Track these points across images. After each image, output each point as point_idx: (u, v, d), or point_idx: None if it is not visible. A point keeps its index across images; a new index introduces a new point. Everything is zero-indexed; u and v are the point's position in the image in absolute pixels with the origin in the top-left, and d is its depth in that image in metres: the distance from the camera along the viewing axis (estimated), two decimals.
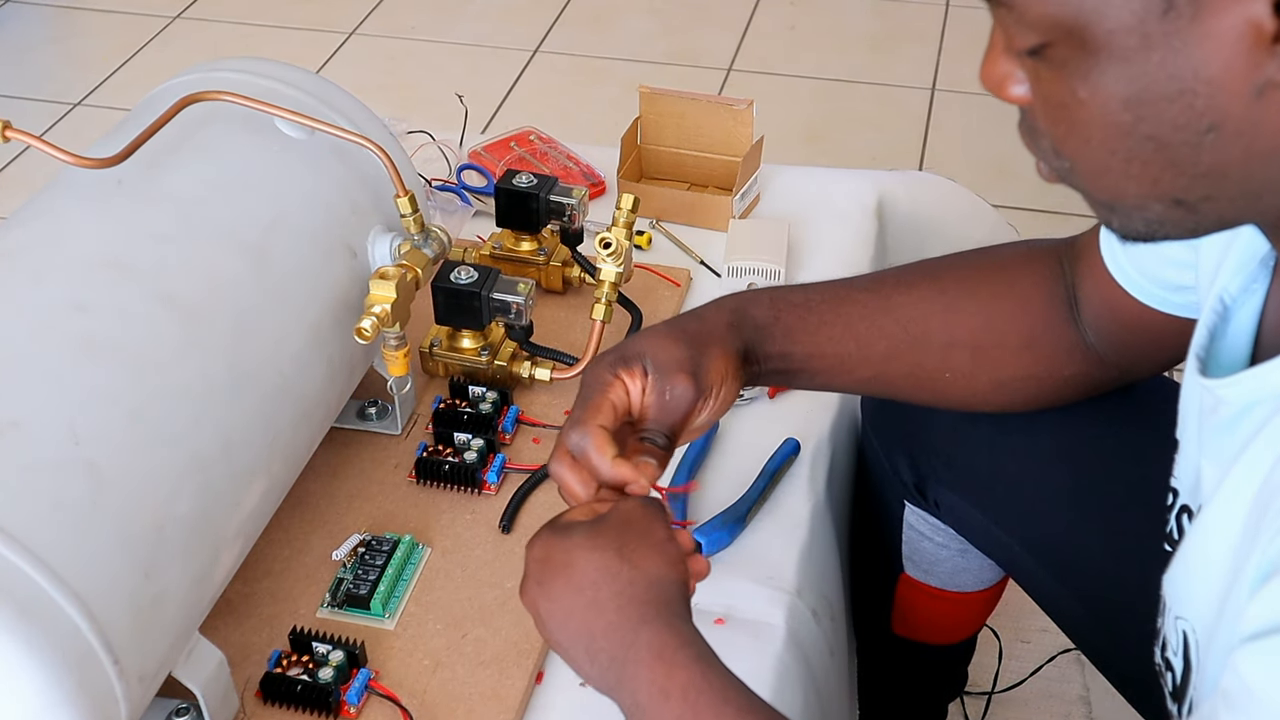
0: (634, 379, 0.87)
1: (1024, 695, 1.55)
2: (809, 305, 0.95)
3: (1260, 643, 0.60)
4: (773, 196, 1.45)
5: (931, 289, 0.97)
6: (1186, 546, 0.77)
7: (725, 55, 2.92)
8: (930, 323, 0.96)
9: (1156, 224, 0.65)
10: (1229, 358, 0.77)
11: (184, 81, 1.05)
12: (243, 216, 0.98)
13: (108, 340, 0.85)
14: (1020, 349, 0.97)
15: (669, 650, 0.75)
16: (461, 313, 1.14)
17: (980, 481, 1.07)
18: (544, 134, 1.55)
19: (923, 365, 0.97)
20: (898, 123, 2.68)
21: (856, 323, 0.96)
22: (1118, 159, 0.63)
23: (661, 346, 0.89)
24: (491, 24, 3.05)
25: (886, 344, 0.96)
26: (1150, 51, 0.58)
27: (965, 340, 0.96)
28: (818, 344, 0.95)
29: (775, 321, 0.94)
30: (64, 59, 3.03)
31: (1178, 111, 0.60)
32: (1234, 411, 0.71)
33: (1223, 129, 0.59)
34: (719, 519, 1.06)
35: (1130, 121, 0.61)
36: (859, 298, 0.97)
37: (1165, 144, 0.61)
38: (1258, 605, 0.61)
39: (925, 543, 1.15)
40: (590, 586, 0.77)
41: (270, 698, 0.93)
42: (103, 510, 0.78)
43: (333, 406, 1.05)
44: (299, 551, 1.05)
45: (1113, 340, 0.94)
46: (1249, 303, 0.76)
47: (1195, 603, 0.74)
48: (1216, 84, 0.58)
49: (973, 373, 0.97)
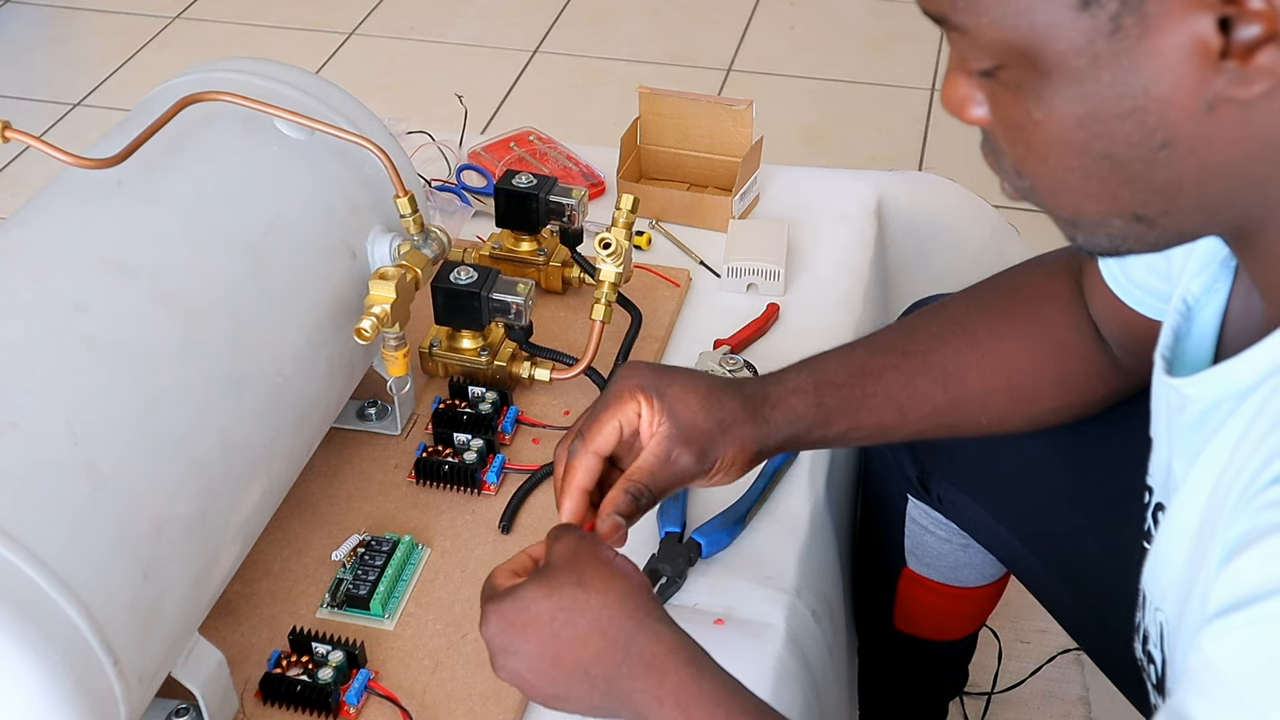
0: (651, 413, 0.88)
1: (1024, 695, 1.55)
2: (852, 382, 0.94)
3: (1222, 620, 0.60)
4: (772, 197, 1.45)
5: (965, 342, 0.97)
6: (1159, 542, 0.78)
7: (725, 55, 2.92)
8: (967, 377, 0.96)
9: (1119, 239, 0.67)
10: (1194, 357, 0.78)
11: (183, 82, 1.05)
12: (243, 217, 0.98)
13: (108, 340, 0.85)
14: (1053, 384, 0.98)
15: (659, 658, 0.76)
16: (461, 313, 1.14)
17: (982, 477, 1.07)
18: (543, 134, 1.55)
19: (961, 419, 0.98)
20: (898, 123, 2.68)
21: (896, 392, 0.95)
22: (1075, 177, 0.64)
23: (689, 407, 0.88)
24: (491, 24, 3.05)
25: (927, 407, 0.96)
26: (1100, 71, 0.59)
27: (1000, 387, 0.97)
28: (857, 419, 0.95)
29: (818, 408, 0.93)
30: (63, 59, 3.03)
31: (1130, 129, 0.61)
32: (1201, 409, 0.72)
33: (1175, 145, 0.61)
34: (719, 519, 1.06)
35: (1085, 140, 0.62)
36: (898, 363, 0.96)
37: (1120, 161, 0.62)
38: (1221, 585, 0.62)
39: (928, 537, 1.16)
40: (565, 626, 0.77)
41: (270, 698, 0.93)
42: (102, 511, 0.78)
43: (332, 407, 1.05)
44: (299, 552, 1.05)
45: (1130, 350, 0.95)
46: (1211, 302, 0.77)
47: (1168, 595, 0.76)
48: (1167, 101, 0.59)
49: (1007, 414, 0.98)
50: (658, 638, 0.77)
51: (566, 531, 0.83)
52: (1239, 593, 0.60)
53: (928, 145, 2.61)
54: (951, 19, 0.63)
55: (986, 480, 1.07)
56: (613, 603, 0.77)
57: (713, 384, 0.91)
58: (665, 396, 0.88)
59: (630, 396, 0.88)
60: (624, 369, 0.91)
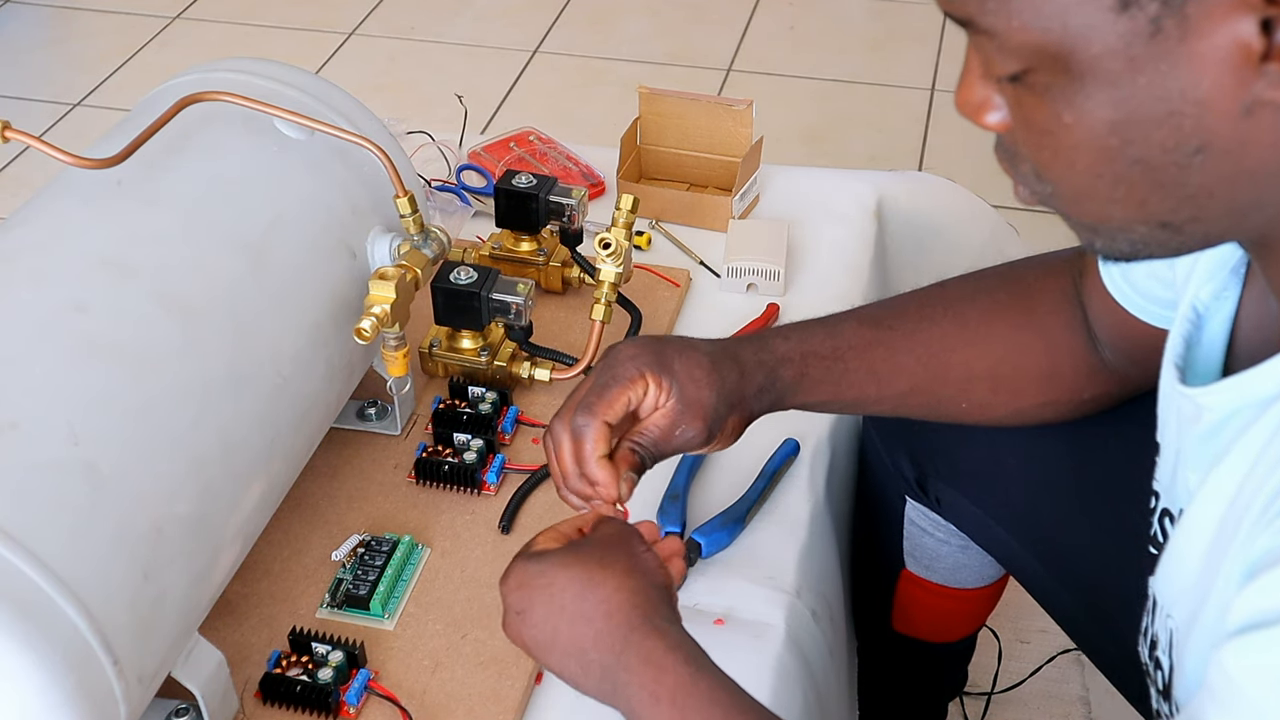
0: (658, 389, 0.89)
1: (1023, 695, 1.55)
2: (836, 354, 0.95)
3: (1245, 638, 0.60)
4: (772, 197, 1.45)
5: (954, 324, 0.97)
6: (1173, 548, 0.77)
7: (725, 55, 2.92)
8: (951, 357, 0.97)
9: (1141, 245, 0.65)
10: (1204, 365, 0.77)
11: (183, 82, 1.05)
12: (242, 217, 0.98)
13: (108, 340, 0.85)
14: (1040, 378, 0.97)
15: (657, 654, 0.76)
16: (461, 313, 1.14)
17: (980, 478, 1.07)
18: (543, 134, 1.55)
19: (940, 399, 0.98)
20: (897, 123, 2.68)
21: (879, 365, 0.96)
22: (1104, 183, 0.62)
23: (695, 382, 0.90)
24: (491, 24, 3.05)
25: (907, 381, 0.97)
26: (1137, 74, 0.58)
27: (984, 374, 0.97)
28: (839, 390, 0.96)
29: (803, 378, 0.95)
30: (63, 59, 3.03)
31: (1166, 134, 0.59)
32: (1216, 419, 0.71)
33: (1211, 149, 0.59)
34: (719, 519, 1.06)
35: (1117, 145, 0.60)
36: (884, 338, 0.96)
37: (1153, 167, 0.60)
38: (1243, 601, 0.61)
39: (926, 538, 1.16)
40: (573, 600, 0.78)
41: (270, 698, 0.93)
42: (102, 511, 0.78)
43: (332, 407, 1.05)
44: (299, 552, 1.05)
45: (1125, 355, 0.95)
46: (1221, 310, 0.76)
47: (1181, 603, 0.75)
48: (1205, 104, 0.58)
49: (991, 403, 0.98)
50: (659, 633, 0.76)
51: (613, 521, 0.85)
52: (1263, 611, 0.59)
53: (928, 145, 2.61)
54: (979, 21, 0.61)
55: (984, 481, 1.07)
56: (625, 589, 0.77)
57: (713, 356, 0.92)
58: (672, 374, 0.89)
59: (640, 376, 0.89)
60: (623, 346, 0.91)
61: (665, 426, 0.89)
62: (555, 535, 0.83)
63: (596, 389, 0.88)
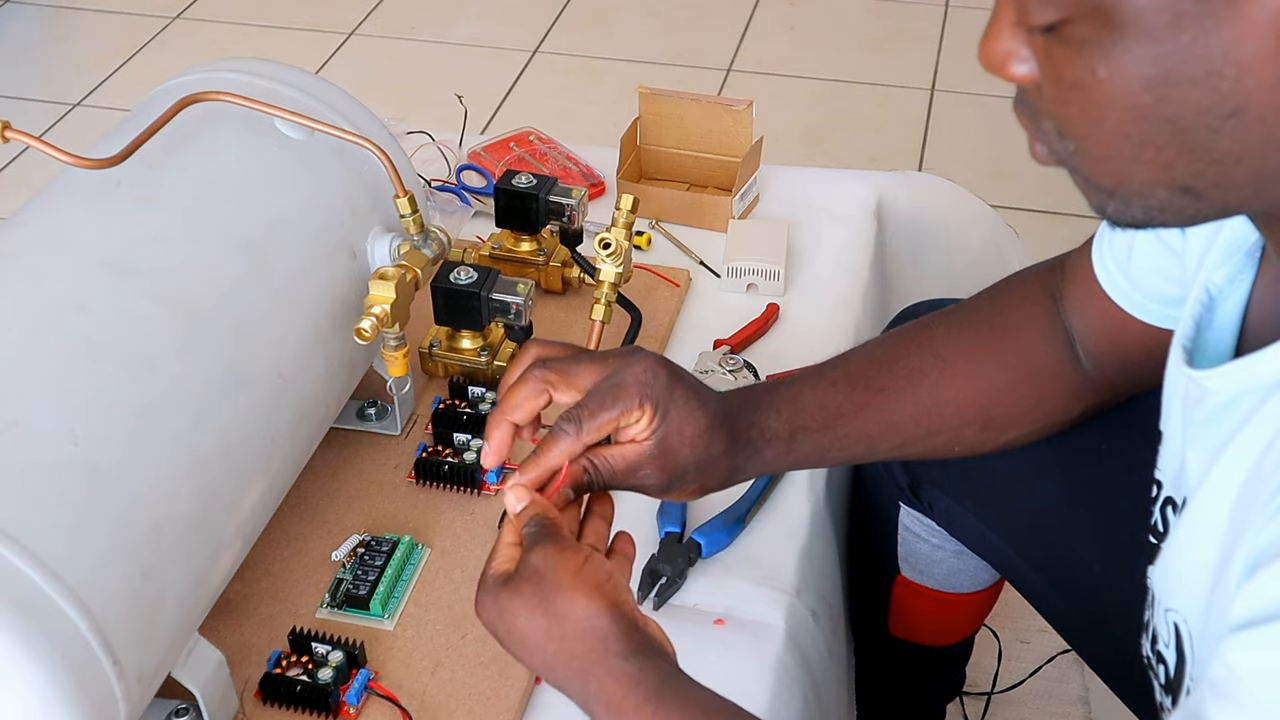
0: (647, 426, 0.85)
1: (1023, 696, 1.55)
2: (826, 424, 0.93)
3: (1248, 632, 0.59)
4: (772, 197, 1.45)
5: (944, 374, 0.96)
6: (1175, 538, 0.76)
7: (725, 56, 2.92)
8: (944, 412, 0.96)
9: (1156, 211, 0.63)
10: (1214, 349, 0.76)
11: (183, 82, 1.05)
12: (242, 217, 0.98)
13: (108, 340, 0.85)
14: (1030, 410, 0.97)
15: (615, 699, 0.74)
16: (461, 313, 1.15)
17: (972, 484, 1.07)
18: (543, 134, 1.55)
19: (933, 447, 0.98)
20: (897, 123, 2.68)
21: (870, 428, 0.95)
22: (1130, 143, 0.61)
23: (681, 437, 0.86)
24: (491, 24, 3.05)
25: (899, 437, 0.96)
26: (1180, 31, 0.56)
27: (975, 418, 0.96)
28: (824, 458, 0.96)
29: (787, 453, 0.93)
30: (63, 59, 3.03)
31: (1202, 94, 0.58)
32: (1221, 402, 0.70)
33: (1246, 113, 0.58)
34: (718, 519, 1.06)
35: (1150, 104, 0.59)
36: (875, 401, 0.94)
37: (1184, 128, 0.59)
38: (1246, 595, 0.61)
39: (921, 544, 1.16)
40: (538, 649, 0.76)
41: (270, 698, 0.93)
42: (102, 511, 0.78)
43: (332, 407, 1.05)
44: (298, 552, 1.05)
45: (1114, 363, 0.94)
46: (1235, 293, 0.75)
47: (1186, 594, 0.74)
48: (1245, 67, 0.56)
49: (983, 441, 0.98)
50: (614, 676, 0.74)
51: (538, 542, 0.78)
52: (1267, 605, 0.59)
53: (927, 145, 2.61)
54: None
55: (978, 486, 1.07)
56: (571, 634, 0.75)
57: (713, 416, 0.88)
58: (666, 419, 0.86)
59: (639, 405, 0.85)
60: (639, 362, 0.87)
61: (631, 463, 0.86)
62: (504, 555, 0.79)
63: (596, 400, 0.85)
